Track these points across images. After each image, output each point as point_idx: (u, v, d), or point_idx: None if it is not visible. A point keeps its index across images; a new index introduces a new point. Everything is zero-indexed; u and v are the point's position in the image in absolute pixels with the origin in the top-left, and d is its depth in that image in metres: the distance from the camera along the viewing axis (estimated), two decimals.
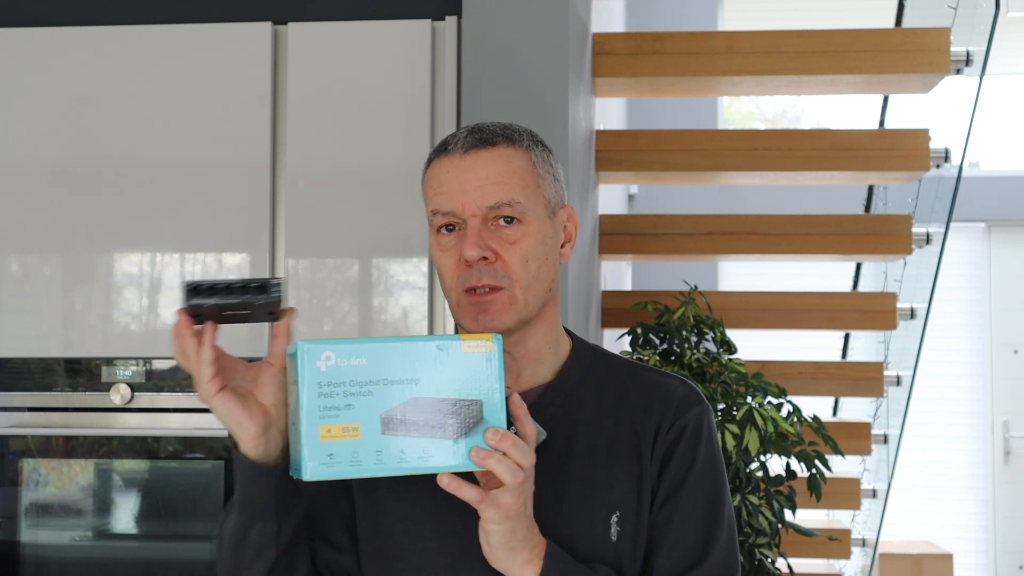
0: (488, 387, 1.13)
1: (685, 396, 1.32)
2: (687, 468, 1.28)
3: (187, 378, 2.27)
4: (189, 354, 1.17)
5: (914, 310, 3.84)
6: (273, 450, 1.20)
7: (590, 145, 3.13)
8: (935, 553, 5.20)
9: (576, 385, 1.33)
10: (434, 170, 1.30)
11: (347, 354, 1.11)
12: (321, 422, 1.10)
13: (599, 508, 1.26)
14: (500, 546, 1.16)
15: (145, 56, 2.33)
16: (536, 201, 1.28)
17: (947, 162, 3.47)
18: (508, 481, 1.11)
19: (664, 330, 3.00)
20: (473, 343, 1.13)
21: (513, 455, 1.11)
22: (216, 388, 1.16)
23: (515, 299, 1.25)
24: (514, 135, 1.30)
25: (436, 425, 1.11)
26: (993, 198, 6.75)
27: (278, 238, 2.29)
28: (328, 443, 1.10)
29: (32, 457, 2.31)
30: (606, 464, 1.28)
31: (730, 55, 3.23)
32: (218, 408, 1.17)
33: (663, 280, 4.55)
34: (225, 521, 1.25)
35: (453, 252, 1.27)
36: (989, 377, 6.84)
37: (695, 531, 1.27)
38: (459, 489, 1.11)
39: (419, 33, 2.27)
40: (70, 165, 2.32)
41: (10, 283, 2.33)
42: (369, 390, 1.11)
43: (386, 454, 1.10)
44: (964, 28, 3.42)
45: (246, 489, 1.20)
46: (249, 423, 1.17)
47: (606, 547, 1.25)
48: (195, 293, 1.15)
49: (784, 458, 2.75)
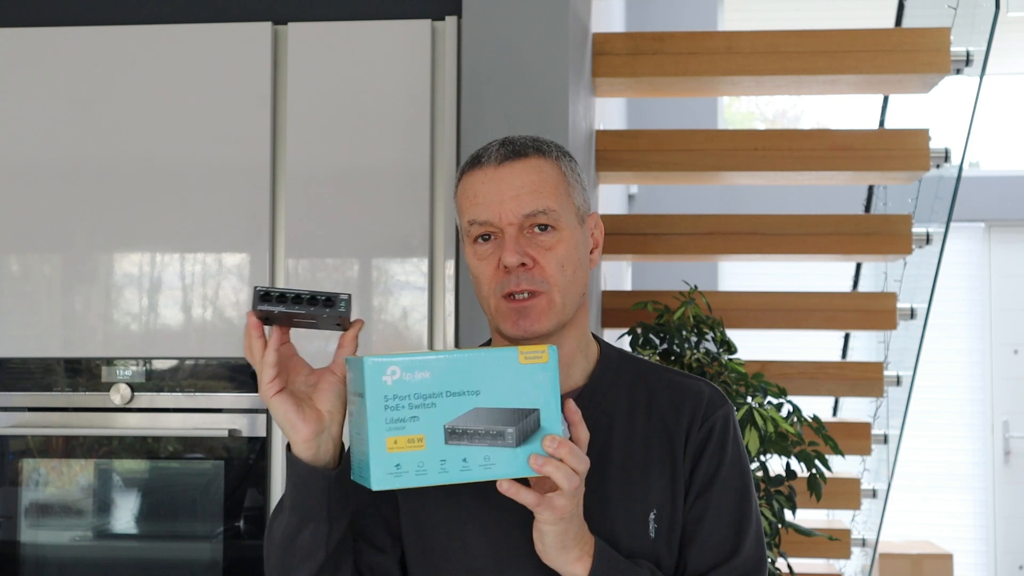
0: (545, 396, 1.18)
1: (712, 397, 1.38)
2: (717, 465, 1.34)
3: (187, 378, 2.27)
4: (255, 354, 1.23)
5: (914, 310, 3.84)
6: (323, 454, 1.24)
7: (590, 145, 3.13)
8: (935, 553, 5.20)
9: (608, 388, 1.38)
10: (469, 182, 1.35)
11: (412, 368, 1.16)
12: (388, 434, 1.15)
13: (638, 506, 1.32)
14: (553, 545, 1.22)
15: (145, 56, 2.33)
16: (568, 209, 1.34)
17: (947, 162, 3.46)
18: (564, 486, 1.17)
19: (664, 330, 3.00)
20: (531, 354, 1.19)
21: (569, 461, 1.17)
22: (275, 390, 1.22)
23: (553, 303, 1.31)
24: (543, 147, 1.36)
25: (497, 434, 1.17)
26: (993, 198, 6.75)
27: (278, 238, 2.29)
28: (395, 454, 1.15)
29: (32, 457, 2.31)
30: (642, 463, 1.34)
31: (730, 55, 3.23)
32: (274, 409, 1.23)
33: (663, 280, 4.55)
34: (275, 520, 1.29)
35: (491, 260, 1.32)
36: (989, 377, 6.84)
37: (726, 525, 1.33)
38: (518, 494, 1.17)
39: (419, 33, 2.27)
40: (70, 165, 2.32)
41: (10, 283, 2.33)
42: (433, 402, 1.16)
43: (450, 463, 1.16)
44: (964, 28, 3.42)
45: (299, 490, 1.25)
46: (303, 426, 1.22)
47: (645, 543, 1.31)
48: (264, 299, 1.20)
49: (784, 458, 2.75)
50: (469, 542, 1.31)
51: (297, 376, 1.26)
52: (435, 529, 1.33)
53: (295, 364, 1.27)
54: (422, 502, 1.34)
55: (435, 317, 2.25)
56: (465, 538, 1.32)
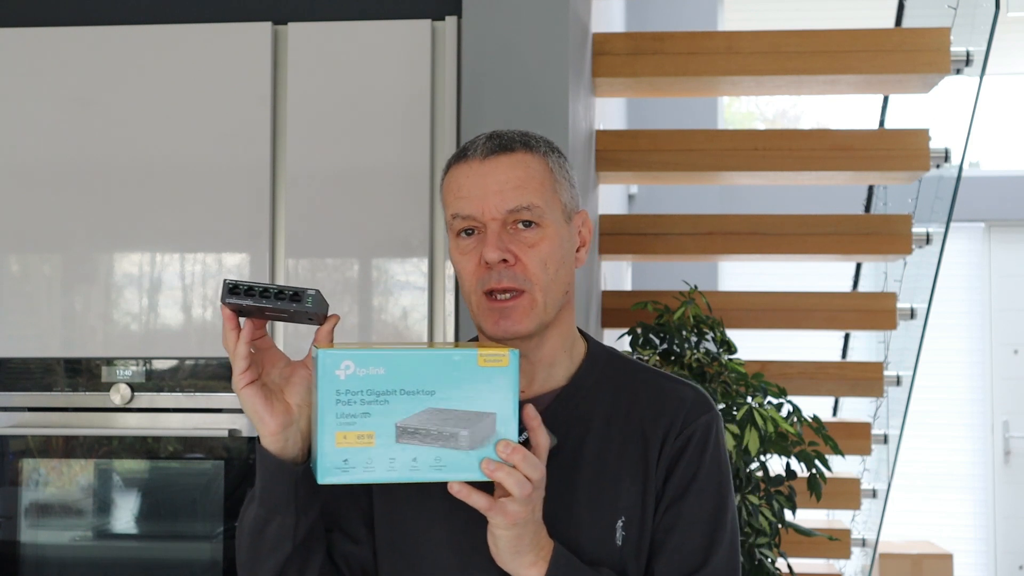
0: (502, 400, 1.16)
1: (695, 404, 1.34)
2: (693, 474, 1.30)
3: (187, 378, 2.27)
4: (229, 345, 1.22)
5: (914, 310, 3.84)
6: (292, 447, 1.24)
7: (590, 145, 3.13)
8: (935, 553, 5.20)
9: (589, 390, 1.35)
10: (454, 175, 1.33)
11: (366, 363, 1.14)
12: (337, 428, 1.14)
13: (606, 513, 1.28)
14: (507, 549, 1.20)
15: (145, 56, 2.33)
16: (554, 206, 1.31)
17: (947, 162, 3.46)
18: (516, 493, 1.14)
19: (664, 330, 3.00)
20: (490, 357, 1.16)
21: (522, 468, 1.15)
22: (245, 381, 1.21)
23: (535, 302, 1.28)
24: (531, 141, 1.33)
25: (449, 435, 1.15)
26: (993, 198, 6.75)
27: (278, 238, 2.29)
28: (343, 449, 1.14)
29: (32, 457, 2.31)
30: (614, 469, 1.30)
31: (730, 55, 3.23)
32: (243, 401, 1.22)
33: (663, 280, 4.55)
34: (246, 511, 1.29)
35: (473, 256, 1.30)
36: (989, 377, 6.83)
37: (698, 535, 1.29)
38: (469, 496, 1.15)
39: (419, 33, 2.27)
40: (70, 165, 2.32)
41: (10, 283, 2.33)
42: (386, 399, 1.14)
43: (399, 462, 1.14)
44: (964, 28, 3.42)
45: (267, 483, 1.24)
46: (270, 419, 1.22)
47: (611, 551, 1.28)
48: (232, 292, 1.20)
49: (784, 458, 2.74)
50: (436, 540, 1.30)
51: (273, 368, 1.25)
52: (404, 524, 1.32)
53: (271, 356, 1.26)
54: (393, 497, 1.33)
55: (435, 317, 2.25)
56: (432, 536, 1.30)
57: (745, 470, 2.63)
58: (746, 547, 2.61)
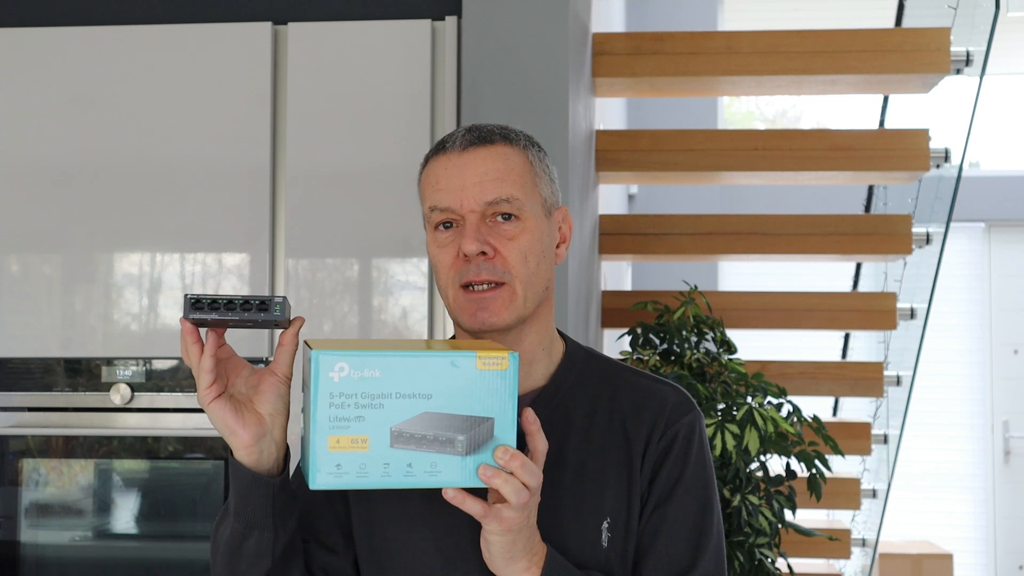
0: (501, 405, 1.12)
1: (677, 404, 1.32)
2: (677, 477, 1.28)
3: (187, 378, 2.27)
4: (192, 360, 1.17)
5: (914, 310, 3.84)
6: (267, 459, 1.19)
7: (590, 145, 3.13)
8: (935, 553, 5.20)
9: (569, 390, 1.33)
10: (432, 167, 1.31)
11: (361, 366, 1.10)
12: (330, 432, 1.10)
13: (591, 514, 1.26)
14: (500, 555, 1.17)
15: (145, 56, 2.33)
16: (533, 199, 1.29)
17: (947, 162, 3.46)
18: (513, 500, 1.11)
19: (664, 330, 3.00)
20: (489, 360, 1.12)
21: (520, 475, 1.11)
22: (212, 396, 1.16)
23: (515, 295, 1.26)
24: (511, 135, 1.31)
25: (446, 440, 1.11)
26: (993, 198, 6.75)
27: (278, 238, 2.29)
28: (336, 454, 1.10)
29: (32, 457, 2.31)
30: (598, 470, 1.28)
31: (730, 55, 3.23)
32: (212, 416, 1.17)
33: (663, 280, 4.55)
34: (220, 525, 1.25)
35: (450, 248, 1.27)
36: (989, 377, 6.84)
37: (684, 539, 1.27)
38: (464, 503, 1.12)
39: (419, 33, 2.27)
40: (70, 165, 2.32)
41: (10, 283, 2.33)
42: (381, 403, 1.11)
43: (393, 467, 1.11)
44: (964, 28, 3.42)
45: (243, 498, 1.20)
46: (243, 432, 1.17)
47: (597, 553, 1.26)
48: (196, 307, 1.15)
49: (784, 458, 2.74)
50: (417, 544, 1.27)
51: (237, 378, 1.20)
52: (384, 530, 1.29)
53: (234, 365, 1.20)
54: (371, 502, 1.30)
55: (435, 317, 2.25)
56: (414, 540, 1.27)
57: (745, 470, 2.63)
58: (746, 547, 2.61)
